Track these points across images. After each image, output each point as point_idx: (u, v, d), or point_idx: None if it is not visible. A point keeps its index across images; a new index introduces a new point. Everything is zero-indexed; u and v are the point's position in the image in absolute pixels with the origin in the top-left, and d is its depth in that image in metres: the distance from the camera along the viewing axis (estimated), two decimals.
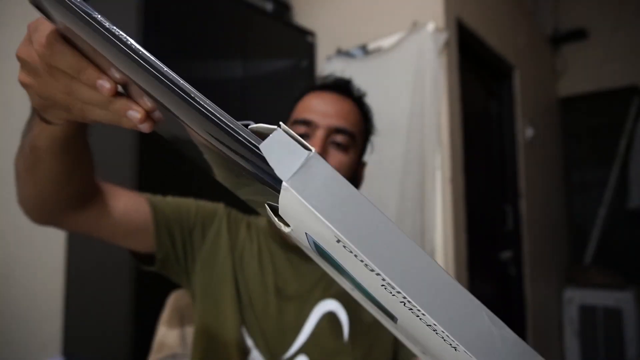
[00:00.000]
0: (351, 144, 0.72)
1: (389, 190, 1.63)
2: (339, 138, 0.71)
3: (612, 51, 3.04)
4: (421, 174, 1.55)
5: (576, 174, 3.22)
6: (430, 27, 1.58)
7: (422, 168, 1.55)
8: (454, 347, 0.21)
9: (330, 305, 0.69)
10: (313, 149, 0.21)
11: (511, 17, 2.33)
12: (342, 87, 0.77)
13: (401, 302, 0.21)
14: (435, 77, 1.56)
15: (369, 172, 0.88)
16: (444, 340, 0.21)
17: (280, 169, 0.20)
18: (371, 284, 0.21)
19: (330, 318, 0.68)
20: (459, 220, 1.60)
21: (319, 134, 0.69)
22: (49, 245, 1.47)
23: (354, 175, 0.75)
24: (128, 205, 0.63)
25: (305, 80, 1.83)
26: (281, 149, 0.21)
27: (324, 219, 0.20)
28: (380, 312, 0.26)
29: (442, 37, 1.57)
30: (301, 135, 0.65)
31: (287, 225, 0.24)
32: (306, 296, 0.70)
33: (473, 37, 1.86)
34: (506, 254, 2.15)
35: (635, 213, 2.85)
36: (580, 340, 2.61)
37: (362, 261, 0.20)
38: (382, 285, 0.20)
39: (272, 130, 0.22)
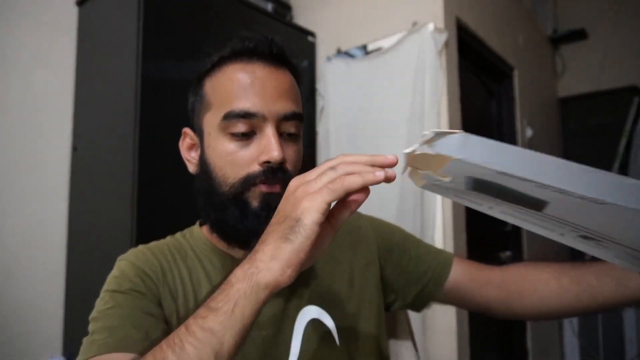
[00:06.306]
0: (300, 128, 0.59)
1: (389, 190, 1.63)
2: (291, 127, 0.56)
3: (612, 52, 3.04)
4: None
5: None
6: (430, 27, 1.58)
7: None
8: (601, 203, 0.30)
9: (310, 313, 0.60)
10: (460, 131, 0.32)
11: (511, 17, 2.33)
12: (274, 53, 0.56)
13: (554, 191, 0.31)
14: (435, 77, 1.56)
15: None
16: (590, 202, 0.31)
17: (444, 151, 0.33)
18: (528, 187, 0.32)
19: (315, 326, 0.60)
20: (459, 219, 1.60)
21: (270, 132, 0.53)
22: (50, 245, 1.47)
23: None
24: None
25: (306, 81, 1.83)
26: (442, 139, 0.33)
27: (483, 165, 0.32)
28: (524, 208, 0.36)
29: (442, 37, 1.57)
30: (244, 135, 0.54)
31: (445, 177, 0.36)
32: (282, 314, 0.59)
33: (473, 37, 1.86)
34: (506, 254, 2.15)
35: None
36: (580, 340, 2.61)
37: (528, 180, 0.31)
38: (537, 185, 0.31)
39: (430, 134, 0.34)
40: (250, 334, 0.54)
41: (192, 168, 0.62)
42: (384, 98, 1.70)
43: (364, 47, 1.80)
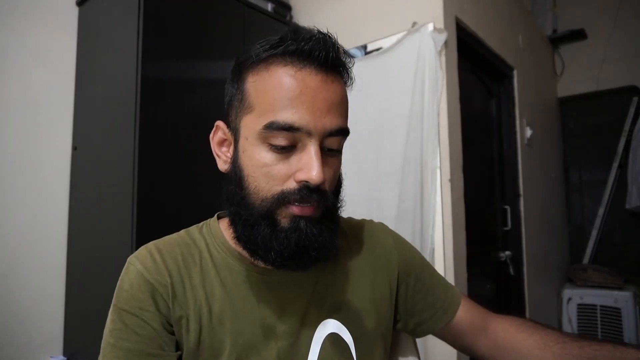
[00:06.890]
0: (343, 142, 0.55)
1: (389, 190, 1.64)
2: (334, 143, 0.53)
3: (611, 51, 3.04)
4: (421, 173, 1.55)
5: (575, 174, 3.23)
6: (430, 27, 1.58)
7: (422, 168, 1.56)
8: None
9: (330, 326, 0.59)
10: None
11: (511, 17, 2.33)
12: (331, 60, 0.51)
13: None
14: (435, 77, 1.56)
15: (369, 172, 0.84)
16: None
17: None
18: None
19: (333, 340, 0.59)
20: (458, 219, 1.60)
21: (313, 150, 0.50)
22: (50, 245, 1.47)
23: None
24: None
25: None
26: None
27: None
28: None
29: (442, 37, 1.57)
30: (283, 148, 0.50)
31: None
32: (300, 325, 0.58)
33: (472, 37, 1.86)
34: (506, 254, 2.16)
35: (633, 213, 2.86)
36: None
37: None
38: None
39: None
40: (268, 344, 0.56)
41: (222, 165, 0.58)
42: (383, 98, 1.70)
43: (364, 47, 1.80)
